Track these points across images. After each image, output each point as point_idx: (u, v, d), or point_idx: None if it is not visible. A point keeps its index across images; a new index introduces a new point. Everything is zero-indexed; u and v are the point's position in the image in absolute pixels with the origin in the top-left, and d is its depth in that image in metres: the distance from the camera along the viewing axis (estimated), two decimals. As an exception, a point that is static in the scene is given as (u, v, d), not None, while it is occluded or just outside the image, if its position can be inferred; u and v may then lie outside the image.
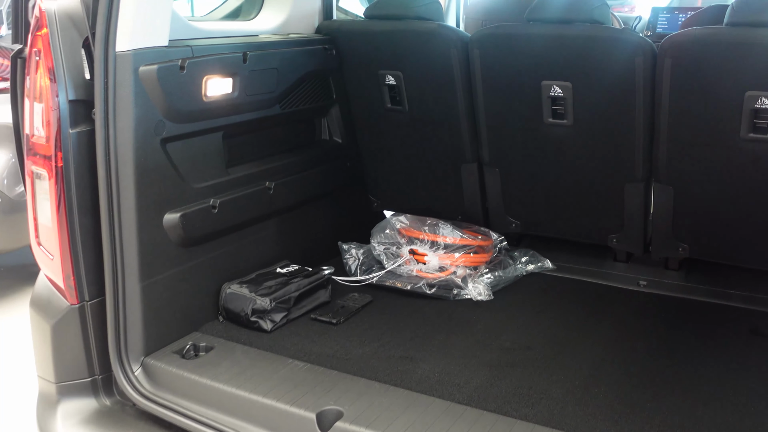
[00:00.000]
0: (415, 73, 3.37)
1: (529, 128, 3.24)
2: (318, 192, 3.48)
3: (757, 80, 2.72)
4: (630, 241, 3.33)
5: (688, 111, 2.89)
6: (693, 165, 3.01)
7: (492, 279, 3.24)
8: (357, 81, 3.55)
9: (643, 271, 3.40)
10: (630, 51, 2.87)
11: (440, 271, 3.27)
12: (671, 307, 3.13)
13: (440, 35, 3.22)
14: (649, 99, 2.94)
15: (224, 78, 2.83)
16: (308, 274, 3.08)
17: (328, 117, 3.59)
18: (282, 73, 3.14)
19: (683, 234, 3.19)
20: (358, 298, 3.15)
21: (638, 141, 3.04)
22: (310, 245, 3.46)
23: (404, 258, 3.30)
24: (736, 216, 3.05)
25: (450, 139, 3.45)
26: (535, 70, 3.09)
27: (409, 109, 3.47)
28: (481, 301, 3.13)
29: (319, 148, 3.55)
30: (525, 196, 3.49)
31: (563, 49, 3.02)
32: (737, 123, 2.81)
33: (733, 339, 2.83)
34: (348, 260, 3.41)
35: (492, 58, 3.16)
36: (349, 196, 3.75)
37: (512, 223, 3.58)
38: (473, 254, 3.30)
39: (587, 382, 2.51)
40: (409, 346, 2.77)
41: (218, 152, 2.92)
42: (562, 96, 3.08)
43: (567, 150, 3.22)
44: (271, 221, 3.21)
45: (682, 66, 2.81)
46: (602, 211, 3.32)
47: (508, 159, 3.40)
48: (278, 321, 2.88)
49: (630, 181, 3.16)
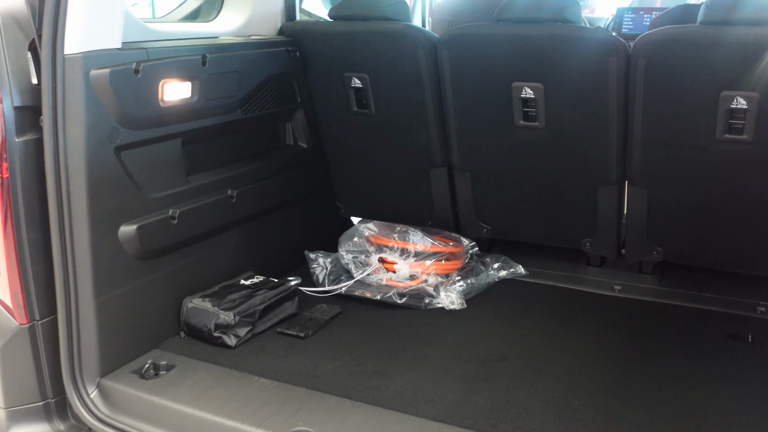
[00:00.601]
0: (381, 76, 3.26)
1: (500, 131, 3.16)
2: (283, 199, 3.35)
3: (732, 80, 2.66)
4: (604, 245, 3.26)
5: (663, 112, 2.82)
6: (668, 167, 2.94)
7: (464, 287, 3.15)
8: (322, 84, 3.43)
9: (618, 276, 3.33)
10: (603, 51, 2.80)
11: (411, 279, 3.16)
12: (647, 312, 3.07)
13: (407, 36, 3.12)
14: (622, 100, 2.87)
15: (182, 82, 2.69)
16: (274, 286, 2.95)
17: (293, 121, 3.46)
18: (243, 77, 3.01)
19: (658, 237, 3.13)
20: (326, 309, 3.03)
21: (612, 143, 2.97)
22: (276, 255, 3.33)
23: (373, 267, 3.18)
24: (711, 218, 2.99)
25: (419, 142, 3.35)
26: (505, 71, 3.00)
27: (376, 113, 3.36)
28: (453, 310, 3.03)
29: (284, 154, 3.42)
30: (496, 200, 3.40)
31: (534, 50, 2.93)
32: (712, 123, 2.76)
33: (712, 345, 2.77)
34: (315, 270, 3.29)
35: (461, 59, 3.06)
36: (315, 203, 3.63)
37: (483, 229, 3.49)
38: (444, 261, 3.20)
39: (567, 394, 2.43)
40: (381, 359, 2.66)
41: (177, 160, 2.78)
42: (533, 98, 3.00)
43: (539, 153, 3.14)
44: (234, 231, 3.08)
45: (656, 66, 2.74)
46: (575, 215, 3.25)
47: (479, 163, 3.31)
48: (243, 336, 2.75)
49: (603, 183, 3.09)
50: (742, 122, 2.71)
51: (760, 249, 2.97)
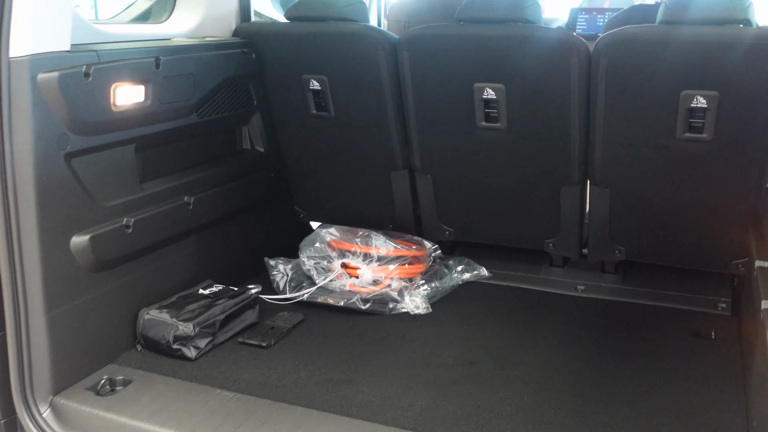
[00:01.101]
0: (340, 77, 3.20)
1: (462, 132, 3.12)
2: (241, 205, 3.26)
3: (692, 79, 2.68)
4: (566, 245, 3.25)
5: (624, 111, 2.82)
6: (629, 166, 2.95)
7: (428, 290, 3.11)
8: (279, 86, 3.35)
9: (581, 276, 3.33)
10: (564, 51, 2.79)
11: (374, 284, 3.10)
12: (611, 311, 3.07)
13: (367, 37, 3.06)
14: (584, 100, 2.86)
15: (135, 85, 2.59)
16: (234, 294, 2.86)
17: (249, 125, 3.37)
18: (198, 80, 2.91)
19: (620, 236, 3.14)
20: (288, 317, 2.95)
21: (573, 143, 2.96)
22: (235, 263, 3.24)
23: (336, 272, 3.12)
24: (672, 217, 3.01)
25: (379, 145, 3.30)
26: (466, 72, 2.97)
27: (335, 115, 3.30)
28: (418, 315, 2.99)
29: (241, 159, 3.33)
30: (458, 202, 3.37)
31: (495, 50, 2.91)
32: (673, 122, 2.77)
33: (677, 343, 2.78)
34: (276, 277, 3.21)
35: (422, 60, 3.02)
36: (274, 209, 3.55)
37: (446, 231, 3.45)
38: (408, 265, 3.15)
39: (536, 397, 2.40)
40: (347, 367, 2.60)
41: (131, 166, 2.67)
42: (494, 98, 2.97)
43: (501, 154, 3.12)
44: (191, 239, 2.98)
45: (617, 65, 2.74)
46: (538, 216, 3.23)
47: (440, 165, 3.27)
48: (203, 347, 2.65)
49: (566, 184, 3.08)
50: (702, 121, 2.73)
51: (720, 247, 3.00)
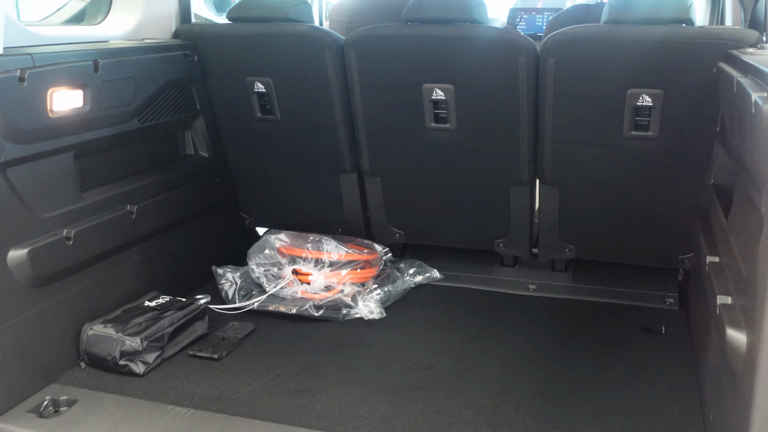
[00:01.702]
0: (286, 80, 3.12)
1: (411, 134, 3.09)
2: (186, 213, 3.15)
3: (638, 77, 2.71)
4: (517, 245, 3.26)
5: (572, 110, 2.84)
6: (578, 165, 2.97)
7: (382, 295, 3.06)
8: (222, 89, 3.25)
9: (531, 275, 3.34)
10: (513, 50, 2.78)
11: (326, 290, 3.04)
12: (563, 309, 3.09)
13: (313, 38, 3.00)
14: (533, 99, 2.87)
15: (73, 90, 2.46)
16: (182, 306, 2.76)
17: (193, 130, 3.27)
18: (139, 83, 2.80)
19: (569, 235, 3.16)
20: (239, 327, 2.87)
21: (523, 143, 2.96)
22: (181, 272, 3.14)
23: (287, 279, 3.04)
24: (620, 214, 3.04)
25: (327, 148, 3.24)
26: (415, 73, 2.94)
27: (281, 118, 3.22)
28: (373, 320, 2.94)
29: (185, 165, 3.22)
30: (408, 204, 3.34)
31: (444, 51, 2.88)
32: (620, 121, 2.80)
33: (629, 339, 2.81)
34: (224, 286, 3.11)
35: (370, 60, 2.98)
36: (220, 215, 3.45)
37: (396, 234, 3.42)
38: (360, 270, 3.10)
39: (496, 400, 2.38)
40: (303, 377, 2.53)
41: (70, 175, 2.55)
42: (444, 99, 2.95)
43: (451, 155, 3.10)
44: (135, 249, 2.86)
45: (565, 65, 2.75)
46: (488, 216, 3.23)
47: (390, 167, 3.23)
48: (152, 362, 2.55)
49: (515, 184, 3.09)
50: (648, 119, 2.77)
51: (667, 243, 3.05)
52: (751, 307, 1.67)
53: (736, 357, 1.72)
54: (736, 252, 1.96)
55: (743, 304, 1.77)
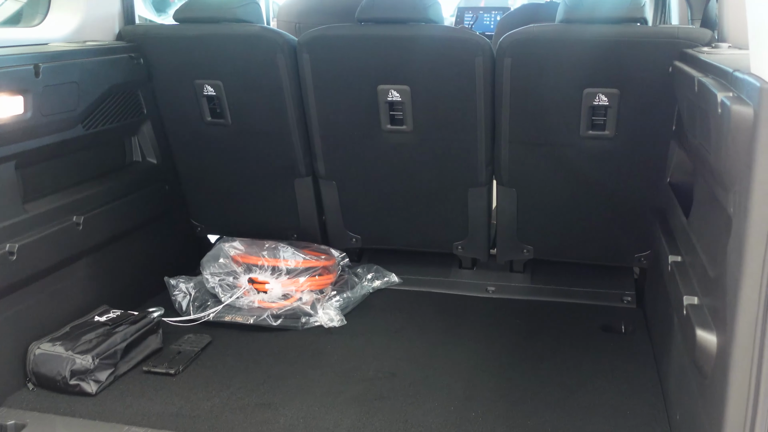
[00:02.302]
0: (237, 82, 3.03)
1: (367, 136, 3.04)
2: (135, 222, 3.03)
3: (594, 77, 2.71)
4: (475, 247, 3.24)
5: (529, 110, 2.83)
6: (535, 165, 2.96)
7: (341, 301, 3.00)
8: (170, 93, 3.14)
9: (490, 277, 3.32)
10: (470, 50, 2.75)
11: (284, 299, 2.96)
12: (522, 310, 3.08)
13: (264, 39, 2.92)
14: (489, 100, 2.85)
15: (12, 96, 2.33)
16: (134, 320, 2.65)
17: (140, 135, 3.14)
18: (83, 88, 2.67)
19: (527, 235, 3.15)
20: (195, 339, 2.77)
21: (480, 144, 2.94)
22: (132, 284, 3.02)
23: (243, 288, 2.95)
24: (577, 214, 3.05)
25: (281, 152, 3.16)
26: (370, 74, 2.89)
27: (232, 122, 3.13)
28: (333, 328, 2.87)
29: (132, 172, 3.10)
30: (365, 208, 3.28)
31: (399, 51, 2.83)
32: (576, 121, 2.80)
33: (589, 338, 2.82)
34: (177, 297, 3.00)
35: (323, 62, 2.91)
36: (170, 223, 3.33)
37: (353, 238, 3.36)
38: (318, 276, 3.03)
39: (462, 405, 2.35)
40: (265, 390, 2.45)
41: (11, 186, 2.42)
42: (400, 100, 2.90)
43: (408, 157, 3.05)
44: (83, 262, 2.74)
45: (521, 65, 2.73)
46: (446, 219, 3.20)
47: (346, 170, 3.17)
48: (104, 380, 2.44)
49: (473, 185, 3.06)
50: (604, 118, 2.78)
51: (623, 241, 3.06)
52: (720, 307, 1.67)
53: (706, 358, 1.72)
54: (700, 252, 1.96)
55: (711, 305, 1.77)
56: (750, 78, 1.53)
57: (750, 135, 1.48)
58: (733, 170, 1.58)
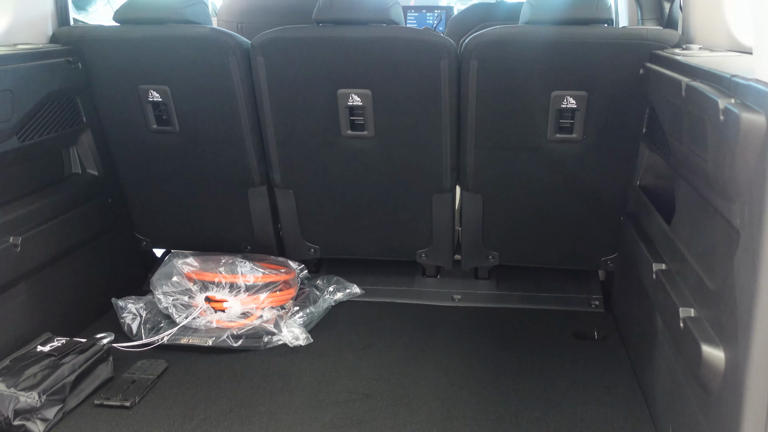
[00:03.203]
0: (185, 87, 2.83)
1: (326, 143, 2.89)
2: (77, 239, 2.80)
3: (562, 79, 2.64)
4: (440, 254, 3.13)
5: (496, 114, 2.73)
6: (501, 170, 2.87)
7: (305, 317, 2.84)
8: (112, 99, 2.91)
9: (455, 285, 3.22)
10: (434, 53, 2.64)
11: (244, 317, 2.79)
12: (491, 319, 2.99)
13: (215, 41, 2.73)
14: (455, 104, 2.74)
15: (-61, 108, 2.10)
16: (82, 348, 2.43)
17: (79, 145, 2.90)
18: (17, 96, 2.43)
19: (493, 241, 3.07)
20: (149, 366, 2.57)
21: (445, 149, 2.83)
22: (75, 307, 2.79)
23: (199, 308, 2.76)
24: (544, 218, 2.97)
25: (233, 160, 2.98)
26: (329, 78, 2.74)
27: (180, 129, 2.93)
28: (298, 347, 2.72)
29: (72, 185, 2.86)
30: (324, 217, 3.13)
31: (360, 54, 2.69)
32: (544, 124, 2.72)
33: (562, 346, 2.75)
34: (126, 319, 2.79)
35: (279, 65, 2.74)
36: (114, 239, 3.10)
37: (311, 249, 3.20)
38: (279, 292, 2.86)
39: (445, 427, 2.23)
40: (231, 419, 2.28)
41: (-60, 208, 2.18)
42: (361, 105, 2.77)
43: (369, 163, 2.92)
44: (22, 286, 2.50)
45: (488, 67, 2.64)
46: (409, 226, 3.08)
47: (303, 178, 3.01)
48: (52, 418, 2.22)
49: (438, 191, 2.95)
50: (572, 121, 2.71)
51: (589, 244, 3.01)
52: (727, 321, 1.60)
53: (712, 374, 1.65)
54: (692, 261, 1.90)
55: (713, 318, 1.71)
56: (758, 85, 1.46)
57: (762, 144, 1.41)
58: (740, 180, 1.51)
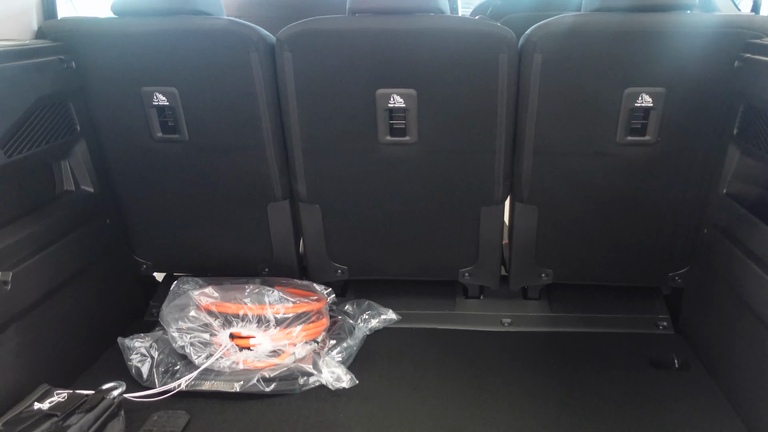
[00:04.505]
0: (197, 88, 2.43)
1: (360, 150, 2.51)
2: (72, 270, 2.38)
3: (636, 74, 2.30)
4: (486, 273, 2.77)
5: (559, 115, 2.39)
6: (561, 178, 2.53)
7: (343, 353, 2.46)
8: (110, 104, 2.49)
9: (503, 307, 2.87)
10: (492, 46, 2.28)
11: (274, 356, 2.39)
12: (550, 346, 2.64)
13: (235, 35, 2.33)
14: (512, 104, 2.39)
15: None
16: (90, 404, 2.02)
17: (72, 158, 2.48)
18: (5, 103, 2.01)
19: (546, 258, 2.72)
20: (168, 419, 2.17)
21: (498, 155, 2.48)
22: (72, 350, 2.37)
23: (223, 347, 2.36)
24: (606, 231, 2.63)
25: (251, 171, 2.59)
26: (367, 76, 2.36)
27: (189, 137, 2.52)
28: (341, 389, 2.33)
29: (64, 205, 2.43)
30: (354, 234, 2.75)
31: (405, 48, 2.32)
32: (613, 126, 2.38)
33: (639, 375, 2.41)
34: (134, 361, 2.38)
35: (309, 62, 2.36)
36: (111, 265, 2.68)
37: (338, 270, 2.82)
38: (312, 323, 2.47)
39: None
40: (278, 487, 1.90)
41: None
42: (403, 107, 2.40)
43: (410, 173, 2.55)
44: (11, 331, 2.08)
45: (553, 62, 2.28)
46: (453, 243, 2.71)
47: (332, 191, 2.63)
48: (60, 496, 1.82)
49: (487, 203, 2.60)
50: (644, 122, 2.37)
51: (658, 259, 2.68)
52: None
53: None
54: None
55: None
56: None
57: None
58: None
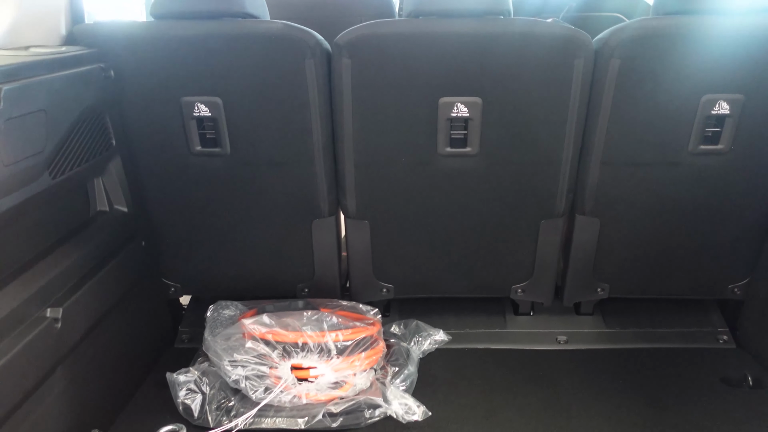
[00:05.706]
0: (243, 98, 2.24)
1: (417, 162, 2.35)
2: (113, 300, 2.17)
3: (714, 81, 2.19)
4: (540, 289, 2.64)
5: (632, 124, 2.27)
6: (627, 189, 2.41)
7: (407, 381, 2.30)
8: (146, 116, 2.28)
9: (555, 323, 2.74)
10: (569, 51, 2.14)
11: (335, 387, 2.21)
12: (611, 362, 2.52)
13: (290, 40, 2.14)
14: (583, 112, 2.26)
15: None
16: (152, 451, 1.83)
17: (106, 176, 2.26)
18: (52, 118, 1.79)
19: (605, 272, 2.61)
20: (232, 463, 1.98)
21: (565, 166, 2.35)
22: (114, 388, 2.15)
23: (285, 381, 2.17)
24: (667, 243, 2.53)
25: (298, 186, 2.40)
26: (430, 84, 2.20)
27: (231, 151, 2.33)
28: (412, 422, 2.17)
29: (101, 228, 2.20)
30: (401, 250, 2.59)
31: (471, 53, 2.16)
32: (687, 134, 2.27)
33: (713, 394, 2.31)
34: (181, 397, 2.17)
35: (368, 69, 2.18)
36: (143, 290, 2.47)
37: (383, 288, 2.66)
38: (371, 349, 2.30)
39: None
40: None
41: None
42: (466, 116, 2.25)
43: (469, 186, 2.40)
44: (59, 373, 1.86)
45: (632, 67, 2.16)
46: (508, 258, 2.58)
47: (384, 206, 2.46)
48: None
49: (547, 216, 2.47)
50: (719, 129, 2.27)
51: (717, 271, 2.59)
52: None
53: None
54: None
55: None
56: None
57: None
58: None
